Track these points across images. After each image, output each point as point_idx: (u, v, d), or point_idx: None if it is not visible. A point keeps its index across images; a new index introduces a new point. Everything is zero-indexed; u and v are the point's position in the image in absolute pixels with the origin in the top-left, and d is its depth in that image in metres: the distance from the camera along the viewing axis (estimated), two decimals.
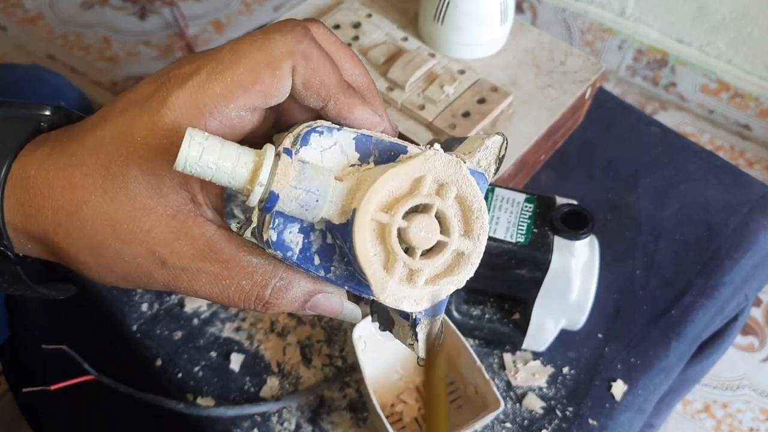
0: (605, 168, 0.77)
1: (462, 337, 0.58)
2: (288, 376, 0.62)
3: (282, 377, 0.62)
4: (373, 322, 0.38)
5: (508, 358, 0.63)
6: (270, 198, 0.28)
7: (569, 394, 0.61)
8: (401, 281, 0.29)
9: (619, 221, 0.73)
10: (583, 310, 0.59)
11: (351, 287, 0.32)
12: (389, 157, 0.31)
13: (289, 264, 0.31)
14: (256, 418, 0.59)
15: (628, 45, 1.48)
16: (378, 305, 0.36)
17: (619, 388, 0.62)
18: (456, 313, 0.62)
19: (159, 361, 0.62)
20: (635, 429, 0.62)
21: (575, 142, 0.78)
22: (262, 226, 0.30)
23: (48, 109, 0.34)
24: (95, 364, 0.60)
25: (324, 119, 0.32)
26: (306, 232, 0.30)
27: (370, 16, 0.75)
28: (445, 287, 0.30)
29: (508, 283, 0.59)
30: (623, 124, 0.81)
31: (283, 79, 0.30)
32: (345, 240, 0.29)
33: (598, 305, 0.62)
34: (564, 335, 0.62)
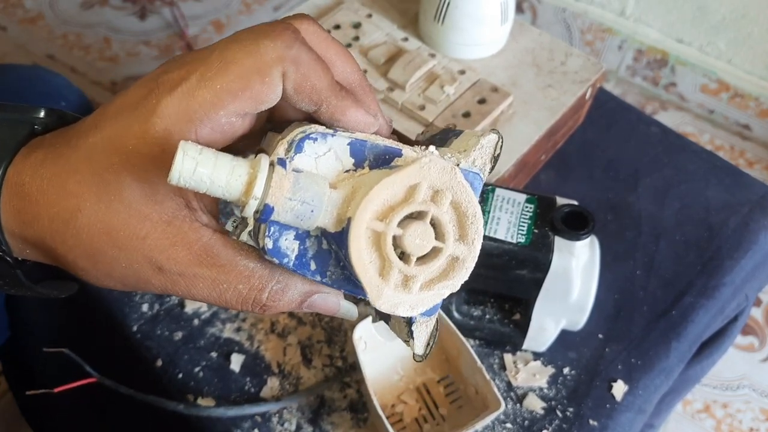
0: (605, 168, 0.77)
1: (462, 337, 0.58)
2: (288, 376, 0.62)
3: (282, 378, 0.62)
4: (373, 322, 0.38)
5: (508, 358, 0.63)
6: (265, 210, 0.28)
7: (570, 394, 0.61)
8: (396, 287, 0.29)
9: (620, 221, 0.73)
10: (583, 311, 0.59)
11: (348, 290, 0.32)
12: (384, 161, 0.31)
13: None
14: (256, 419, 0.59)
15: (628, 45, 1.48)
16: None
17: (619, 388, 0.62)
18: (456, 314, 0.62)
19: (159, 362, 0.62)
20: (636, 429, 0.62)
21: (575, 142, 0.78)
22: (258, 232, 0.30)
23: (42, 112, 0.33)
24: (95, 365, 0.60)
25: (317, 122, 0.32)
26: (302, 238, 0.30)
27: (370, 16, 0.75)
28: (440, 291, 0.30)
29: (508, 284, 0.59)
30: (623, 124, 0.81)
31: (273, 86, 0.30)
32: (340, 247, 0.29)
33: (599, 306, 0.62)
34: (564, 336, 0.62)
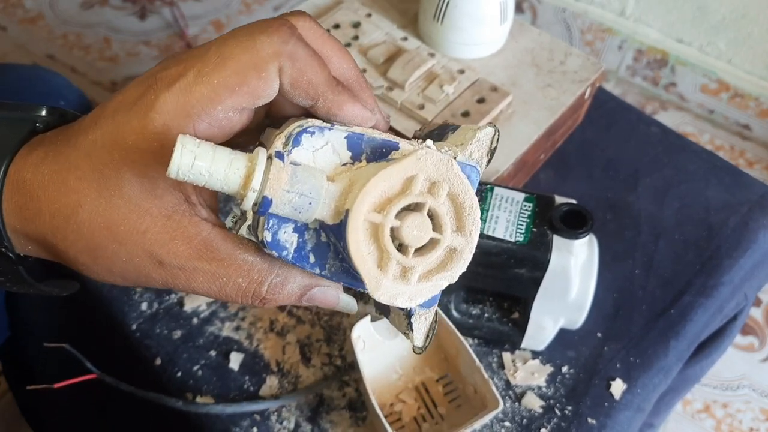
0: (605, 168, 0.77)
1: (461, 336, 0.58)
2: (287, 375, 0.62)
3: (281, 376, 0.62)
4: (372, 321, 0.38)
5: (507, 357, 0.63)
6: (263, 202, 0.28)
7: (568, 393, 0.61)
8: (395, 279, 0.29)
9: (619, 221, 0.73)
10: (582, 310, 0.59)
11: (346, 282, 0.32)
12: (381, 154, 0.31)
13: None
14: (255, 417, 0.59)
15: (628, 45, 1.48)
16: None
17: (618, 387, 0.62)
18: (455, 313, 0.62)
19: (158, 360, 0.62)
20: (634, 428, 0.62)
21: (575, 141, 0.78)
22: (257, 225, 0.31)
23: (43, 110, 0.34)
24: (95, 364, 0.60)
25: (314, 117, 0.32)
26: (300, 231, 0.31)
27: (369, 15, 0.76)
28: (438, 283, 0.30)
29: (507, 283, 0.59)
30: (623, 124, 0.81)
31: (270, 81, 0.30)
32: (339, 239, 0.30)
33: (597, 304, 0.62)
34: (563, 334, 0.62)
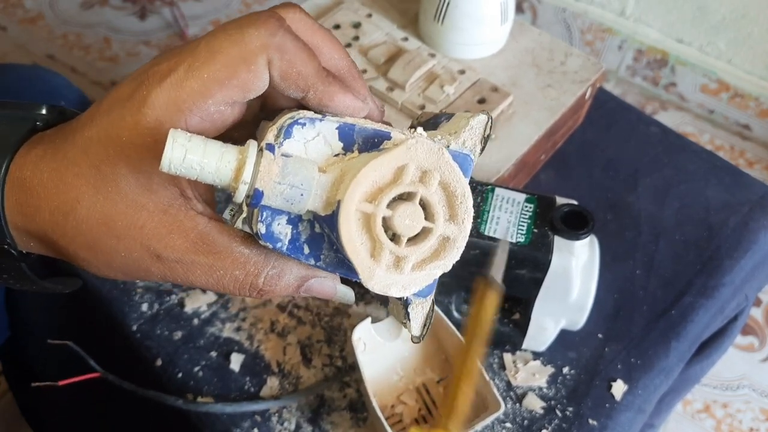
0: (605, 168, 0.77)
1: (462, 338, 0.58)
2: (288, 376, 0.62)
3: (282, 377, 0.62)
4: (375, 321, 0.38)
5: (508, 358, 0.63)
6: (255, 194, 0.28)
7: (569, 394, 0.61)
8: (388, 268, 0.30)
9: (619, 221, 0.73)
10: (583, 310, 0.59)
11: (342, 273, 0.32)
12: (373, 144, 0.31)
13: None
14: (256, 418, 0.59)
15: (628, 45, 1.48)
16: None
17: (619, 388, 0.62)
18: (456, 313, 0.62)
19: (159, 361, 0.62)
20: (635, 429, 0.62)
21: (575, 142, 0.78)
22: (252, 218, 0.31)
23: (43, 109, 0.34)
24: (96, 364, 0.60)
25: (306, 108, 0.32)
26: (294, 223, 0.31)
27: (370, 16, 0.75)
28: (432, 272, 0.30)
29: (508, 283, 0.59)
30: (623, 124, 0.81)
31: (259, 73, 0.30)
32: (332, 230, 0.30)
33: (598, 305, 0.62)
34: (564, 335, 0.62)
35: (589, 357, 0.63)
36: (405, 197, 0.30)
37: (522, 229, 0.56)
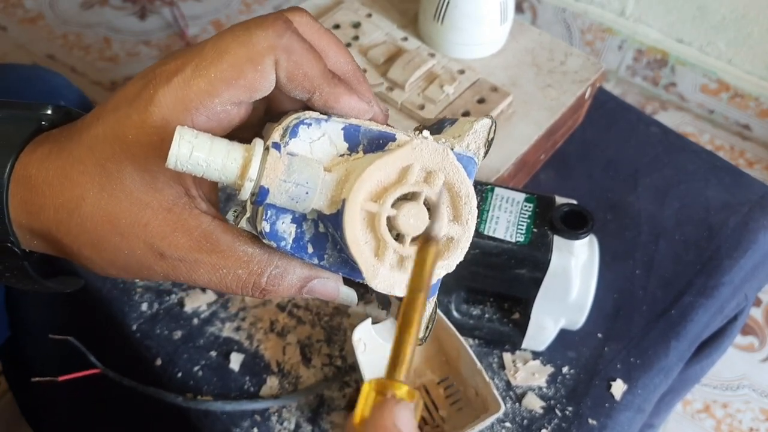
0: (605, 168, 0.77)
1: (462, 339, 0.58)
2: (288, 375, 0.62)
3: (282, 377, 0.62)
4: (375, 321, 0.38)
5: (507, 357, 0.63)
6: (260, 192, 0.28)
7: (569, 393, 0.61)
8: (392, 267, 0.30)
9: (619, 221, 0.73)
10: (582, 310, 0.59)
11: (345, 273, 0.33)
12: (378, 145, 0.31)
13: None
14: (255, 418, 0.59)
15: (628, 45, 1.48)
16: None
17: (618, 387, 0.62)
18: (456, 313, 0.62)
19: (159, 361, 0.62)
20: (635, 428, 0.62)
21: (575, 141, 0.78)
22: (256, 216, 0.31)
23: (49, 109, 0.35)
24: (96, 360, 0.60)
25: (312, 110, 0.32)
26: (298, 222, 0.31)
27: (370, 16, 0.76)
28: (435, 272, 0.30)
29: (507, 283, 0.59)
30: (623, 124, 0.81)
31: (266, 74, 0.31)
32: (336, 229, 0.30)
33: (598, 305, 0.62)
34: (563, 335, 0.62)
35: (589, 356, 0.63)
36: (409, 197, 0.30)
37: (521, 229, 0.56)
